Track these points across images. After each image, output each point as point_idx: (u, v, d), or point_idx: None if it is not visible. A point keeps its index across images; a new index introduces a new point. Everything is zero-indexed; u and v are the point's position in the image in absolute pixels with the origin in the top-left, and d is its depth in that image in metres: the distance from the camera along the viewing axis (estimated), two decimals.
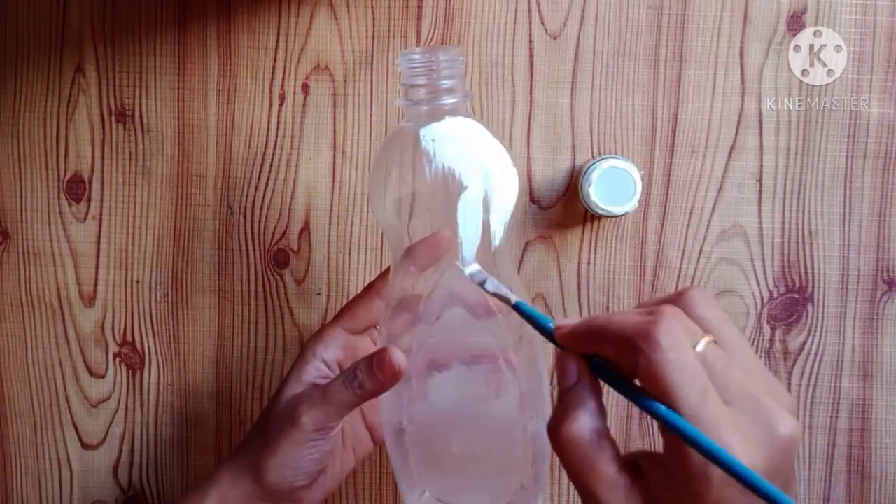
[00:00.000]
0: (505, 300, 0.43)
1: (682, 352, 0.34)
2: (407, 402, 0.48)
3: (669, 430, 0.34)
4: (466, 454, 0.46)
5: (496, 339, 0.48)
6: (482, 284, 0.45)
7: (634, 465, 0.37)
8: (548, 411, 0.48)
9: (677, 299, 0.38)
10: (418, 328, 0.48)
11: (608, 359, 0.38)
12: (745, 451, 0.34)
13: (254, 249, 0.63)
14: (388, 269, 0.52)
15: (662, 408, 0.35)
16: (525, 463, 0.48)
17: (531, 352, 0.48)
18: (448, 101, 0.48)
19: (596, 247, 0.61)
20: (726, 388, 0.35)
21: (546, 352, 0.48)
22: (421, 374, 0.48)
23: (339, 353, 0.52)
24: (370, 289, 0.53)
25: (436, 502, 0.49)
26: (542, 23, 0.60)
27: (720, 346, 0.36)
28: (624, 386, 0.37)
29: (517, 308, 0.42)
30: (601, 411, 0.37)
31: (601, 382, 0.38)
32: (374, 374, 0.46)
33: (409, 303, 0.48)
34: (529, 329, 0.43)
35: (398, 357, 0.46)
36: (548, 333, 0.40)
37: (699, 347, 0.35)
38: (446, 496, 0.48)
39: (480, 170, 0.48)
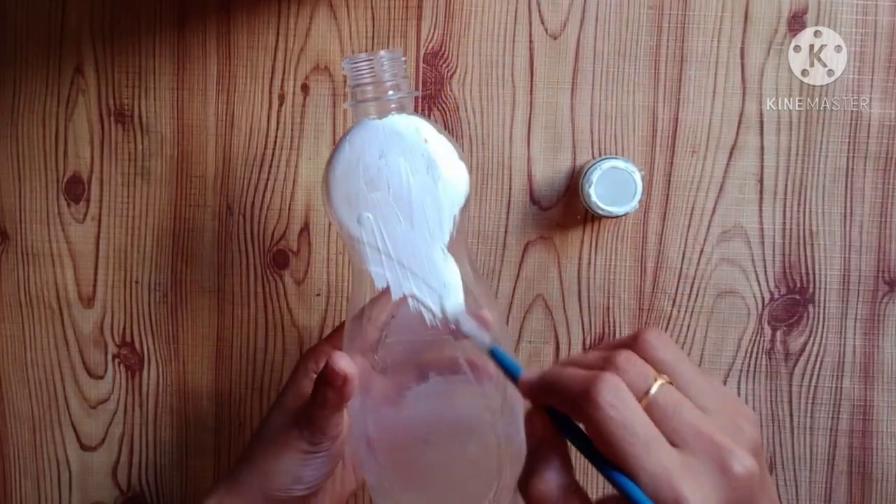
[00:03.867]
0: (480, 345, 0.43)
1: (623, 407, 0.35)
2: (371, 410, 0.48)
3: (616, 488, 0.35)
4: (439, 464, 0.47)
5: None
6: (457, 325, 0.45)
7: None
8: (519, 415, 0.48)
9: (632, 343, 0.38)
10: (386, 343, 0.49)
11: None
12: (698, 494, 0.34)
13: (253, 250, 0.62)
14: (377, 297, 0.53)
15: (607, 468, 0.35)
16: (496, 470, 0.48)
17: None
18: (393, 97, 0.49)
19: (596, 247, 0.61)
20: (678, 431, 0.35)
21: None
22: (392, 385, 0.48)
23: None
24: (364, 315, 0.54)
25: None
26: (543, 23, 0.60)
27: (676, 386, 0.37)
28: (582, 442, 0.37)
29: (492, 355, 0.42)
30: (567, 466, 0.37)
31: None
32: (329, 387, 0.48)
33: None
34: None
35: (343, 364, 0.47)
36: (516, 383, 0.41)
37: (653, 390, 0.36)
38: None
39: (426, 165, 0.48)
